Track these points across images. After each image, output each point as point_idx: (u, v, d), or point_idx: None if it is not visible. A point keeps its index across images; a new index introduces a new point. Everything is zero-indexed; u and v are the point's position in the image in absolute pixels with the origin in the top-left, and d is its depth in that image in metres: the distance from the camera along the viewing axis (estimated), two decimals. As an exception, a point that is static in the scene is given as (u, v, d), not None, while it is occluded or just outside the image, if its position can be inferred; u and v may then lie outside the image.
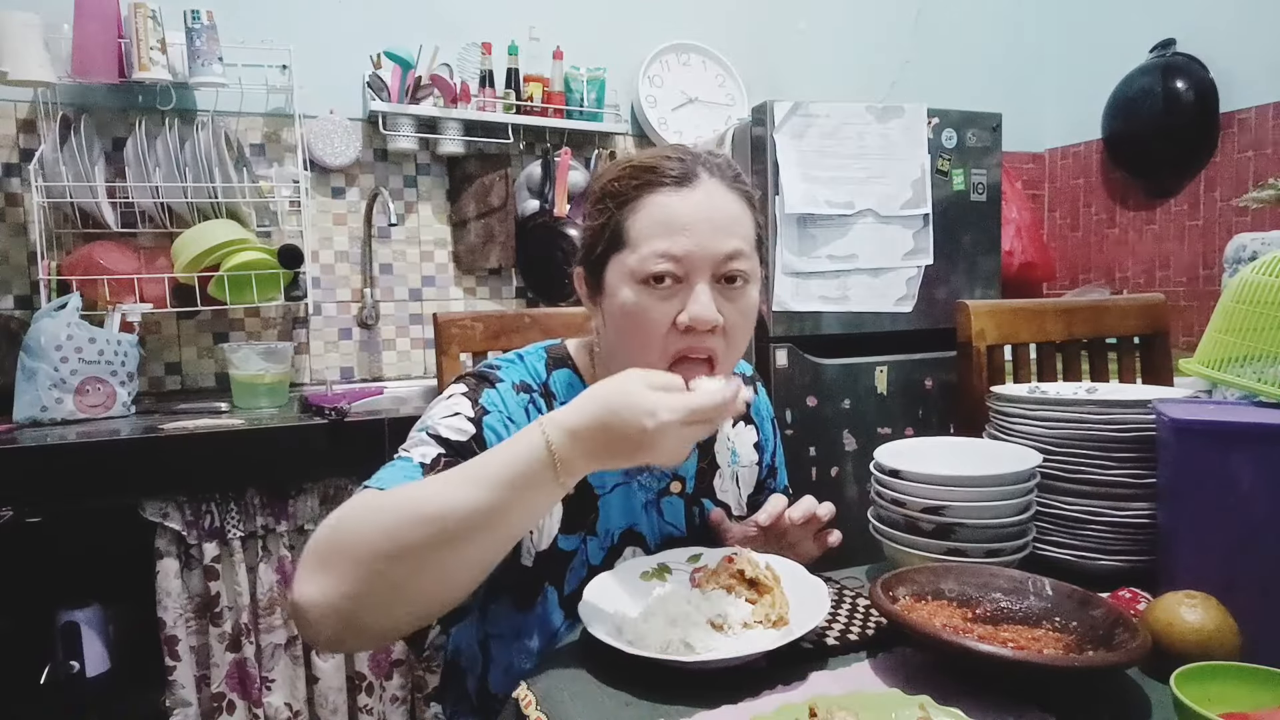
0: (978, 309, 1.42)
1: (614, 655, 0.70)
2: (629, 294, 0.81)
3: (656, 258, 0.79)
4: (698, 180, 0.82)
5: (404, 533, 0.64)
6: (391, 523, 0.64)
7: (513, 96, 2.27)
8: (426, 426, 0.82)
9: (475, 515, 0.64)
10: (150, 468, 1.47)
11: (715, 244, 0.80)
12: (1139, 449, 0.88)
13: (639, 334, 0.82)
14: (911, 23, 2.91)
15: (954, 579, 0.80)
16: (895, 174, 2.06)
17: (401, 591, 0.65)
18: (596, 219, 0.86)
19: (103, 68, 1.78)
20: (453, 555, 0.65)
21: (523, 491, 0.66)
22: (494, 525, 0.66)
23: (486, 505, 0.65)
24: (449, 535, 0.64)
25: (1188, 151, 2.63)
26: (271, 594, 1.54)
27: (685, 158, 0.84)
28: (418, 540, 0.63)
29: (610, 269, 0.84)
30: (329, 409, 1.61)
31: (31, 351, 1.61)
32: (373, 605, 0.64)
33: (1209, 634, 0.67)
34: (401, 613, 0.66)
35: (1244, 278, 0.89)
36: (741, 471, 1.03)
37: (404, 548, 0.63)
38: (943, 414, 2.13)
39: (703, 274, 0.80)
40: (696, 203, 0.81)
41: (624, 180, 0.83)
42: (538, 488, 0.66)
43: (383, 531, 0.64)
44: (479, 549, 0.66)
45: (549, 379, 0.91)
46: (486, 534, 0.66)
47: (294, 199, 2.06)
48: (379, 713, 1.66)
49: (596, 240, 0.85)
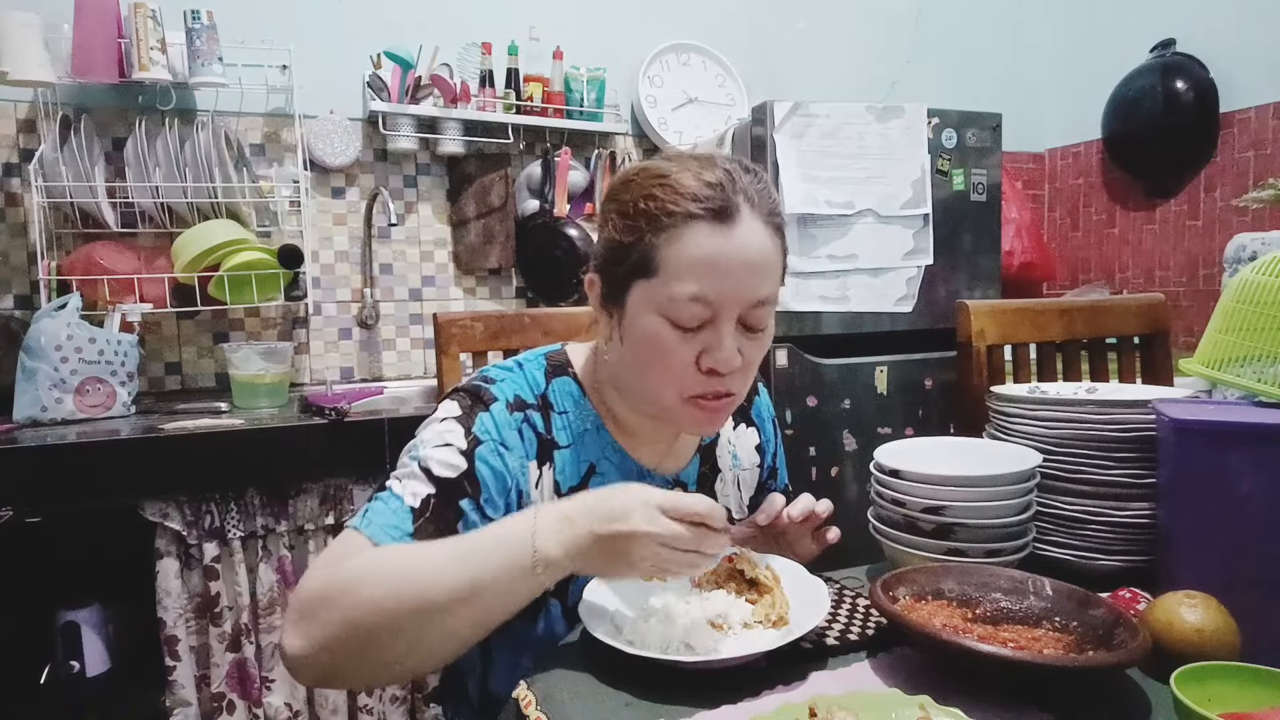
0: (978, 309, 1.42)
1: (614, 655, 0.70)
2: (654, 325, 0.79)
3: (689, 300, 0.76)
4: (739, 216, 0.77)
5: (387, 604, 0.66)
6: (377, 593, 0.66)
7: (513, 96, 2.27)
8: (419, 457, 0.80)
9: (455, 596, 0.67)
10: (150, 468, 1.47)
11: (749, 290, 0.78)
12: (1139, 449, 0.88)
13: (659, 367, 0.80)
14: (911, 23, 2.91)
15: (954, 579, 0.80)
16: (895, 174, 2.06)
17: (380, 656, 0.67)
18: (625, 235, 0.80)
19: (103, 68, 1.78)
20: (431, 630, 0.67)
21: (503, 581, 0.68)
22: (473, 607, 0.68)
23: (467, 589, 0.67)
24: (429, 612, 0.66)
25: (1188, 151, 2.63)
26: (271, 594, 1.54)
27: (727, 185, 0.78)
28: (398, 613, 0.66)
29: (635, 292, 0.80)
30: (329, 409, 1.61)
31: (31, 351, 1.61)
32: (352, 664, 0.68)
33: (1209, 634, 0.67)
34: (380, 673, 0.70)
35: (1244, 278, 0.89)
36: (743, 475, 1.03)
37: (385, 618, 0.66)
38: (943, 414, 2.13)
39: (731, 316, 0.78)
40: (737, 246, 0.77)
41: (660, 202, 0.78)
42: (518, 579, 0.68)
43: (367, 600, 0.66)
44: (458, 625, 0.68)
45: (548, 389, 0.89)
46: (465, 613, 0.68)
47: (294, 199, 2.06)
48: (379, 713, 1.66)
49: (622, 258, 0.80)
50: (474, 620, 0.68)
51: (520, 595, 0.69)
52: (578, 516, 0.70)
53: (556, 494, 0.86)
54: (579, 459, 0.88)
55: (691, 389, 0.80)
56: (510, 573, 0.68)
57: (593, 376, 0.91)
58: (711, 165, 0.79)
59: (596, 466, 0.89)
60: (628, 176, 0.83)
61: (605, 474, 0.89)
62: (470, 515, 0.78)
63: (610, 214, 0.83)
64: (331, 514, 1.58)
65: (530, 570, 0.68)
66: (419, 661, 0.69)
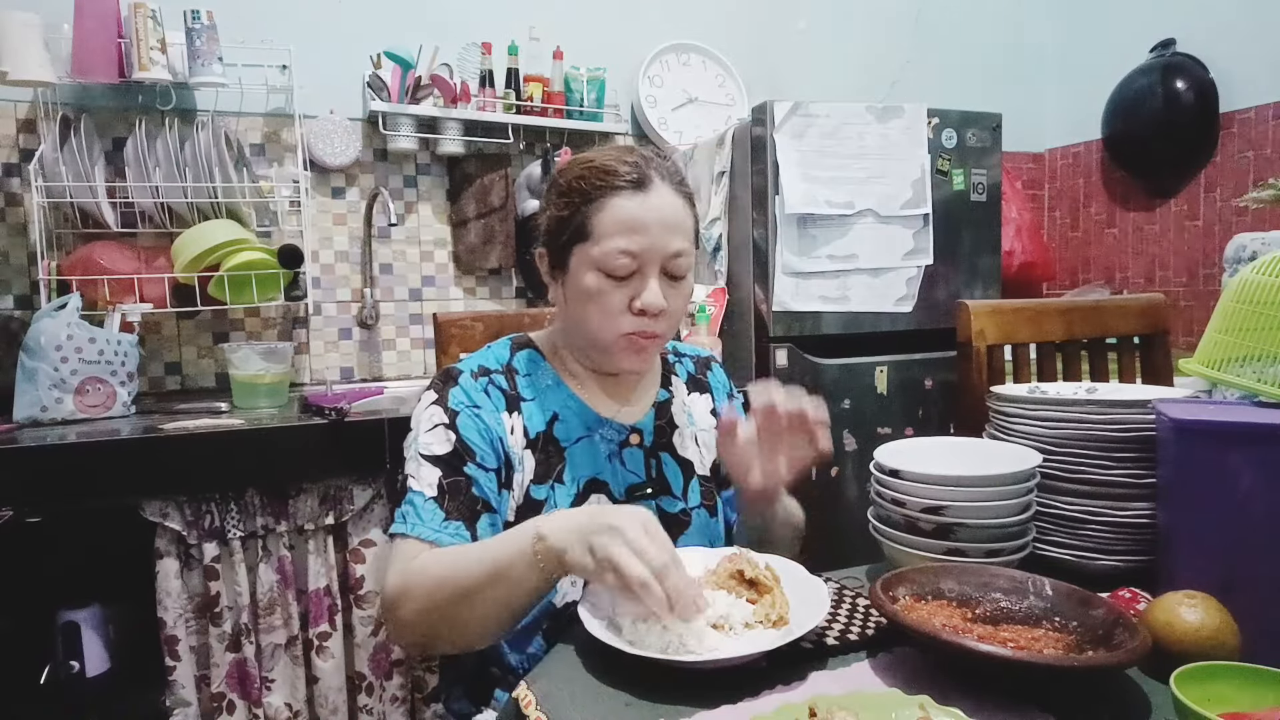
0: (978, 309, 1.42)
1: (614, 655, 0.70)
2: (591, 280, 0.94)
3: (618, 254, 0.92)
4: (651, 184, 0.94)
5: (437, 595, 0.82)
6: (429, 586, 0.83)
7: (513, 96, 2.27)
8: (418, 449, 0.93)
9: (482, 582, 0.81)
10: (150, 468, 1.47)
11: (665, 243, 0.94)
12: (1139, 449, 0.88)
13: (598, 313, 0.95)
14: (911, 23, 2.91)
15: (954, 579, 0.80)
16: (895, 174, 2.06)
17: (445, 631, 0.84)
18: (561, 210, 0.97)
19: (103, 68, 1.78)
20: (471, 611, 0.82)
21: (516, 566, 0.80)
22: (496, 589, 0.81)
23: (489, 575, 0.80)
24: (465, 596, 0.81)
25: (1188, 151, 2.63)
26: (271, 594, 1.54)
27: (639, 162, 0.96)
28: (446, 599, 0.82)
29: (574, 255, 0.96)
30: (329, 409, 1.61)
31: (31, 351, 1.61)
32: (430, 639, 0.87)
33: (1209, 634, 0.67)
34: (454, 642, 0.87)
35: (1244, 278, 0.89)
36: (700, 435, 1.10)
37: (438, 605, 0.82)
38: (943, 414, 2.13)
39: (653, 267, 0.94)
40: (651, 206, 0.93)
41: (587, 180, 0.95)
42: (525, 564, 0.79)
43: (423, 594, 0.83)
44: (490, 606, 0.82)
45: (512, 359, 1.03)
46: (492, 595, 0.81)
47: (294, 199, 2.06)
48: (379, 713, 1.66)
49: (561, 229, 0.97)
50: (501, 601, 0.81)
51: (530, 580, 0.79)
52: (580, 513, 0.81)
53: (526, 438, 0.98)
54: (543, 408, 1.00)
55: (625, 328, 0.95)
56: (519, 558, 0.79)
57: (549, 343, 1.06)
58: (629, 150, 0.98)
59: (559, 415, 1.01)
60: (562, 167, 1.02)
61: (566, 420, 1.01)
62: (477, 477, 0.92)
63: (551, 197, 1.00)
64: (331, 514, 1.58)
65: (533, 554, 0.78)
66: (475, 634, 0.84)
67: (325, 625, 1.58)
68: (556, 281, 1.00)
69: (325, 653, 1.58)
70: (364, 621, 1.62)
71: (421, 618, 0.83)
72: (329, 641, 1.58)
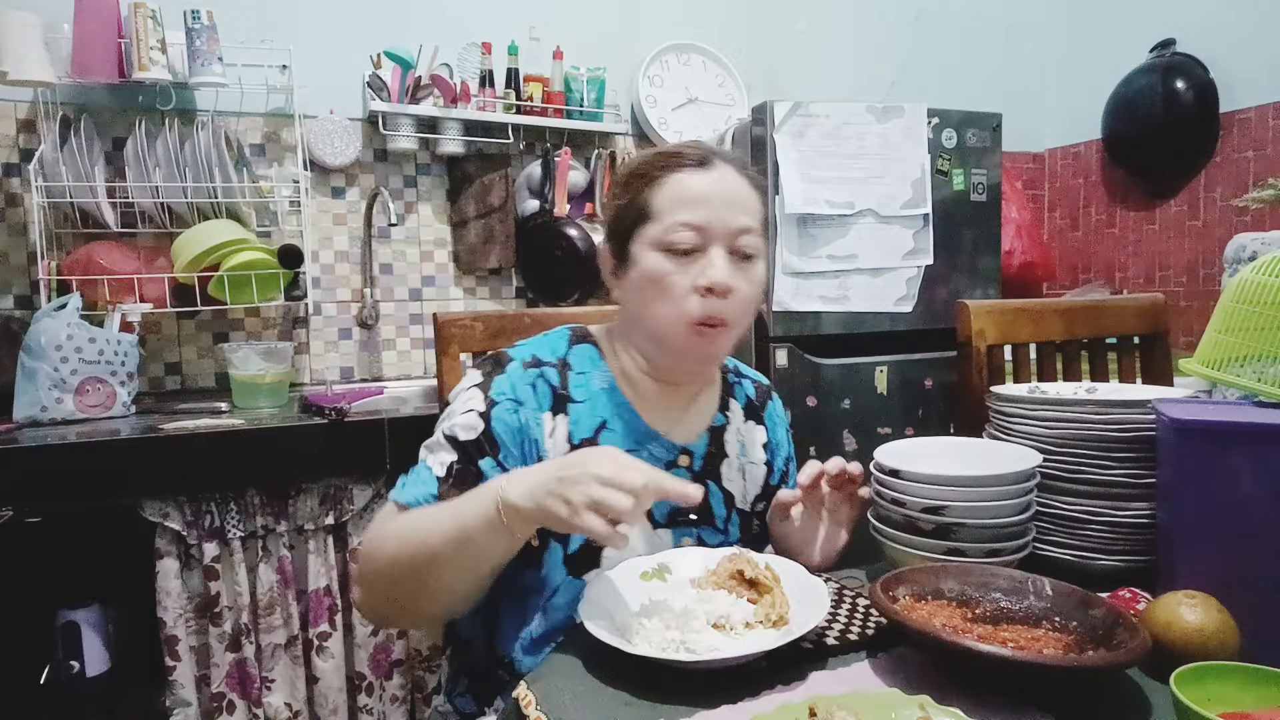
0: (978, 309, 1.42)
1: (614, 655, 0.70)
2: (654, 260, 0.90)
3: (679, 226, 0.89)
4: (715, 164, 0.92)
5: (399, 557, 0.81)
6: (391, 547, 0.82)
7: (513, 96, 2.27)
8: (445, 426, 0.91)
9: (447, 543, 0.79)
10: (150, 468, 1.47)
11: (730, 218, 0.90)
12: (1139, 449, 0.88)
13: (662, 295, 0.90)
14: (911, 23, 2.91)
15: (954, 579, 0.80)
16: (895, 174, 2.06)
17: (407, 599, 0.83)
18: (623, 198, 0.95)
19: (103, 68, 1.78)
20: (435, 574, 0.80)
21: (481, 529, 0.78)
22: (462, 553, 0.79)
23: (455, 537, 0.79)
24: (429, 558, 0.80)
25: (1188, 151, 2.63)
26: (271, 594, 1.54)
27: (703, 147, 0.95)
28: (409, 561, 0.81)
29: (636, 241, 0.92)
30: (329, 409, 1.61)
31: (31, 351, 1.61)
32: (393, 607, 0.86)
33: (1209, 634, 0.67)
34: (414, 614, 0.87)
35: (1244, 278, 0.89)
36: (749, 467, 1.05)
37: (401, 568, 0.81)
38: (943, 414, 2.13)
39: (719, 242, 0.90)
40: (714, 180, 0.91)
41: (649, 164, 0.94)
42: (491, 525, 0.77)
43: (387, 555, 0.82)
44: (455, 570, 0.81)
45: (569, 353, 0.98)
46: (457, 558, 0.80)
47: (294, 199, 2.06)
48: (379, 713, 1.66)
49: (623, 217, 0.94)
50: (466, 565, 0.80)
51: (497, 543, 0.78)
52: (547, 466, 0.79)
53: (569, 445, 0.92)
54: (592, 414, 0.95)
55: (693, 313, 0.89)
56: (484, 519, 0.77)
57: (609, 342, 1.00)
58: (691, 141, 0.98)
59: (608, 423, 0.95)
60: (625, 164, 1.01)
61: (615, 430, 0.95)
62: (489, 474, 0.87)
63: (614, 190, 0.98)
64: (331, 514, 1.58)
65: (497, 516, 0.76)
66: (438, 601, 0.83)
67: (325, 625, 1.58)
68: (619, 278, 0.96)
69: (325, 653, 1.58)
70: (364, 622, 1.62)
71: (383, 579, 0.82)
72: (329, 641, 1.58)
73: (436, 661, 1.69)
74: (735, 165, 0.94)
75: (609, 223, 0.98)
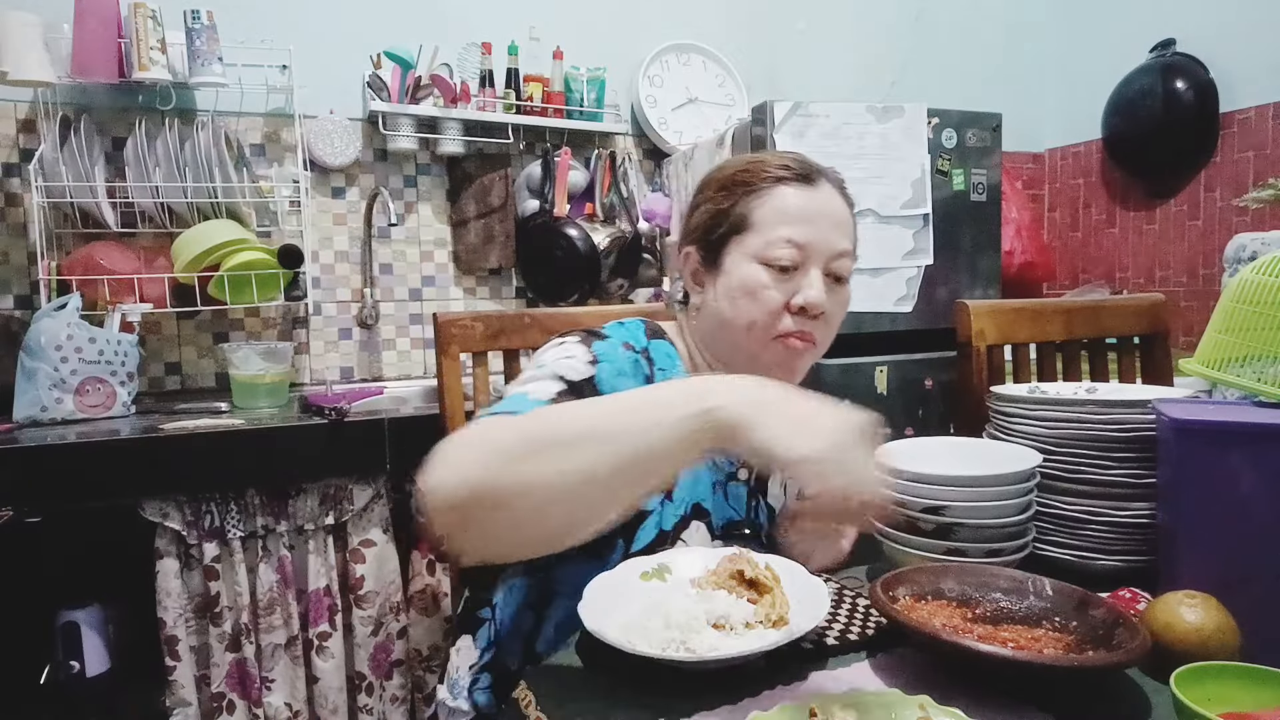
0: (978, 309, 1.42)
1: (614, 655, 0.70)
2: (752, 271, 0.89)
3: (783, 243, 0.88)
4: (819, 182, 0.92)
5: (507, 440, 0.64)
6: (502, 430, 0.66)
7: (513, 96, 2.27)
8: (541, 365, 0.85)
9: (586, 435, 0.63)
10: (150, 468, 1.47)
11: (833, 240, 0.90)
12: (1139, 449, 0.88)
13: (754, 308, 0.89)
14: (911, 23, 2.91)
15: (954, 579, 0.80)
16: (895, 174, 2.06)
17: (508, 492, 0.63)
18: (720, 204, 0.93)
19: (103, 68, 1.78)
20: (558, 466, 0.62)
21: (651, 424, 0.62)
22: (606, 448, 0.62)
23: (601, 430, 0.63)
24: (558, 446, 0.63)
25: (1188, 151, 2.63)
26: (271, 594, 1.54)
27: (805, 160, 0.93)
28: (523, 446, 0.63)
29: (730, 250, 0.91)
30: (329, 409, 1.61)
31: (31, 351, 1.61)
32: (494, 501, 0.63)
33: (1209, 634, 0.67)
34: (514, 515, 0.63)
35: (1244, 278, 0.89)
36: (789, 481, 1.05)
37: (509, 452, 0.63)
38: (943, 414, 2.13)
39: (817, 262, 0.89)
40: (819, 199, 0.91)
41: (751, 172, 0.92)
42: (665, 434, 0.62)
43: (516, 428, 0.66)
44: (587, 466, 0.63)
45: (649, 345, 0.95)
46: (596, 451, 0.62)
47: (294, 199, 2.06)
48: (379, 713, 1.66)
49: (717, 223, 0.93)
50: (606, 463, 0.62)
51: (668, 449, 0.62)
52: (770, 389, 0.66)
53: None
54: None
55: (781, 329, 0.89)
56: (665, 414, 0.62)
57: (683, 344, 0.99)
58: (792, 154, 0.95)
59: None
60: (718, 166, 0.98)
61: None
62: None
63: (707, 193, 0.96)
64: (331, 514, 1.58)
65: (692, 418, 0.61)
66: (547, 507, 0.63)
67: (325, 625, 1.58)
68: (701, 284, 0.95)
69: (325, 653, 1.58)
70: (364, 621, 1.62)
71: (477, 468, 0.63)
72: (329, 641, 1.58)
73: (437, 661, 1.69)
74: (836, 185, 0.94)
75: (698, 226, 0.95)
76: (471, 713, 0.98)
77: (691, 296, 0.97)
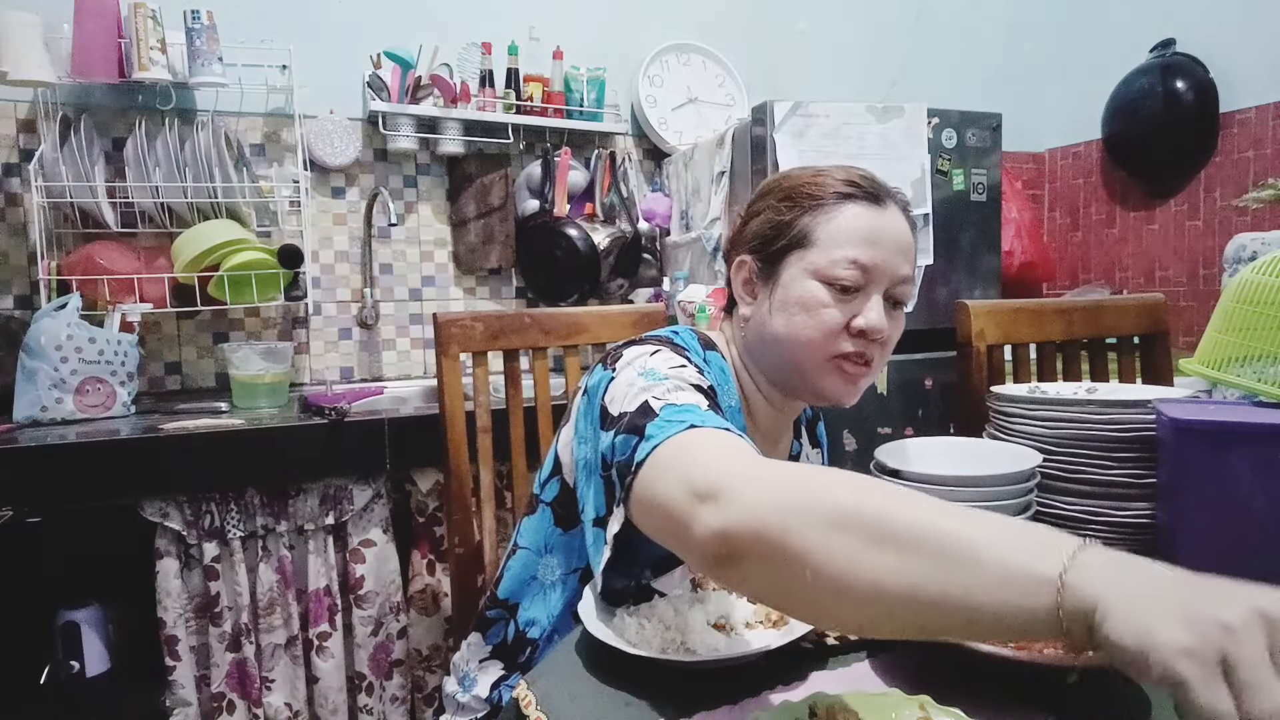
0: (978, 309, 1.42)
1: (614, 655, 0.70)
2: (811, 288, 0.87)
3: (848, 263, 0.86)
4: (887, 204, 0.90)
5: (877, 514, 0.52)
6: (868, 497, 0.54)
7: (513, 96, 2.27)
8: (655, 374, 0.75)
9: (920, 540, 0.51)
10: (150, 468, 1.47)
11: (897, 265, 0.88)
12: (1139, 449, 0.88)
13: (811, 326, 0.87)
14: (911, 23, 2.91)
15: (954, 579, 0.80)
16: (895, 174, 2.06)
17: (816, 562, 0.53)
18: (782, 214, 0.90)
19: (103, 68, 1.78)
20: (875, 566, 0.51)
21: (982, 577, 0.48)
22: (933, 565, 0.50)
23: (936, 541, 0.50)
24: (888, 542, 0.51)
25: (1188, 151, 2.63)
26: (271, 594, 1.54)
27: (873, 179, 0.91)
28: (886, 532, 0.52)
29: (789, 263, 0.89)
30: (329, 409, 1.61)
31: (31, 351, 1.61)
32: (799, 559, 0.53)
33: (1209, 634, 0.67)
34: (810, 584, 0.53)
35: (1244, 278, 0.89)
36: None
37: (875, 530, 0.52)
38: (943, 414, 2.13)
39: (880, 286, 0.87)
40: (889, 223, 0.88)
41: (818, 185, 0.90)
42: (1002, 587, 0.48)
43: (857, 493, 0.55)
44: (908, 582, 0.50)
45: (706, 357, 0.91)
46: (920, 572, 0.50)
47: (294, 199, 2.06)
48: (379, 713, 1.66)
49: (779, 234, 0.90)
50: (928, 588, 0.49)
51: (1001, 609, 0.47)
52: (1155, 572, 0.50)
53: None
54: None
55: (837, 350, 0.87)
56: (1011, 569, 0.47)
57: (733, 357, 0.97)
58: (858, 170, 0.92)
59: None
60: (781, 175, 0.96)
61: None
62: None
63: (768, 201, 0.93)
64: (331, 514, 1.58)
65: (1039, 586, 0.46)
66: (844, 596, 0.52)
67: (325, 625, 1.58)
68: (755, 294, 0.92)
69: (325, 653, 1.58)
70: (364, 621, 1.62)
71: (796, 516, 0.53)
72: (329, 641, 1.58)
73: (437, 661, 1.69)
74: (902, 207, 0.91)
75: (756, 235, 0.92)
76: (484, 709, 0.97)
77: (740, 306, 0.95)
